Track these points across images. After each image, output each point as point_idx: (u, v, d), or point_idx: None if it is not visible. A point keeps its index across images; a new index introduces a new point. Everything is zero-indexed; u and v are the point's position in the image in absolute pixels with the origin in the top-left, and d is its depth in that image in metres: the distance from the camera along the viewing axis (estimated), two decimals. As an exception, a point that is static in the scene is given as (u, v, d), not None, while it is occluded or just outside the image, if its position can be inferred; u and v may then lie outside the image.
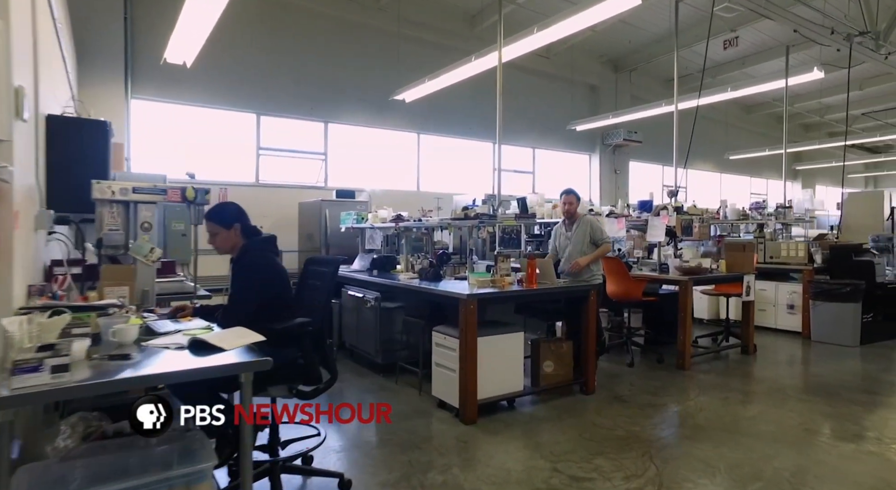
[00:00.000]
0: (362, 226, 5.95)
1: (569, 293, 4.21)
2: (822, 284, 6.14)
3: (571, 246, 4.74)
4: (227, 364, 1.77)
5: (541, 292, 4.03)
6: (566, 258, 4.74)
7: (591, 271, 4.67)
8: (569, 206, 4.74)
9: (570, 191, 4.76)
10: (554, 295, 4.14)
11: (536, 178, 11.23)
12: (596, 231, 4.71)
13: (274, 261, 2.62)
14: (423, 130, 10.02)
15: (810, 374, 4.95)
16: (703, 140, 14.10)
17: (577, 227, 4.76)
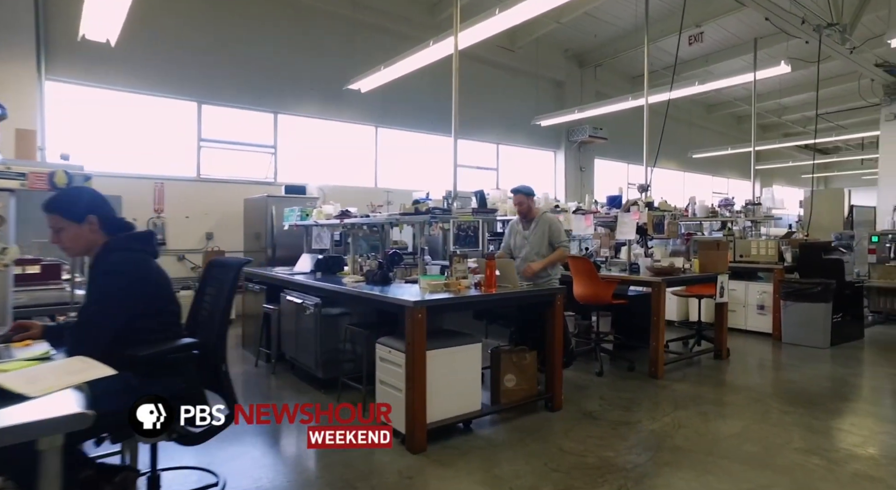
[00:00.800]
0: (306, 223, 5.31)
1: (532, 298, 3.69)
2: (793, 284, 5.84)
3: (529, 247, 4.23)
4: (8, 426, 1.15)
5: (501, 297, 3.50)
6: (522, 259, 4.23)
7: (548, 274, 4.17)
8: (520, 207, 4.22)
9: (519, 189, 4.23)
10: (515, 300, 3.61)
11: (501, 175, 10.76)
12: (554, 232, 4.19)
13: (147, 264, 1.97)
14: (382, 124, 9.41)
15: (787, 380, 4.60)
16: (668, 138, 13.89)
17: (536, 226, 4.24)
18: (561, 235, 4.18)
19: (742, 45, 10.40)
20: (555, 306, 3.72)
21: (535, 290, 3.70)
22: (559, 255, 4.17)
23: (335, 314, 4.21)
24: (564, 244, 4.17)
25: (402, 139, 9.67)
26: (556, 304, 3.71)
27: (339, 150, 9.09)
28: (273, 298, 4.99)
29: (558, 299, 3.73)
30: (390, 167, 9.53)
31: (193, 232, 7.65)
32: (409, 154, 9.77)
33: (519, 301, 3.65)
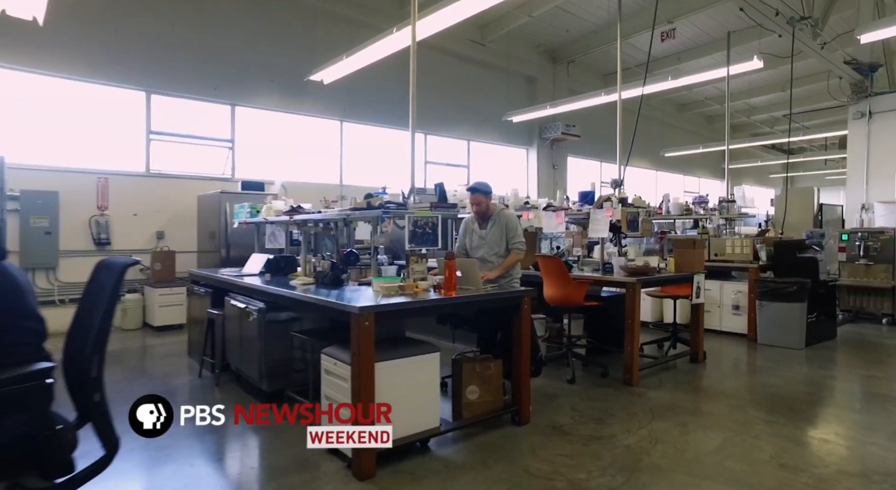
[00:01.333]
0: (256, 220, 4.85)
1: (496, 302, 3.32)
2: (768, 283, 5.64)
3: (487, 247, 3.84)
4: None
5: (461, 301, 3.12)
6: (480, 260, 3.86)
7: (509, 274, 3.81)
8: (477, 207, 3.82)
9: (477, 188, 3.80)
10: (478, 304, 3.24)
11: (472, 172, 10.41)
12: (511, 230, 3.79)
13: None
14: (348, 118, 8.96)
15: (766, 385, 4.34)
16: (640, 137, 13.77)
17: (493, 224, 3.84)
18: (517, 236, 3.79)
19: (713, 43, 10.29)
20: (521, 311, 3.36)
21: (500, 294, 3.34)
22: (513, 259, 3.75)
23: (282, 320, 3.78)
24: (518, 246, 3.77)
25: (370, 135, 9.22)
26: (523, 308, 3.36)
27: (303, 145, 8.60)
28: (219, 302, 4.52)
29: (525, 303, 3.37)
30: (356, 164, 9.08)
31: (142, 231, 7.08)
32: (376, 151, 9.33)
33: (482, 305, 3.28)
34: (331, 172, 8.88)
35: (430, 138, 9.94)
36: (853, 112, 8.00)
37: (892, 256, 6.94)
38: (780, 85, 12.82)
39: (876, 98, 7.80)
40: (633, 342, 4.20)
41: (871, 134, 7.84)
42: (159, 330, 6.44)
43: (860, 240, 7.15)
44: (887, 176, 7.54)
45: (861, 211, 7.85)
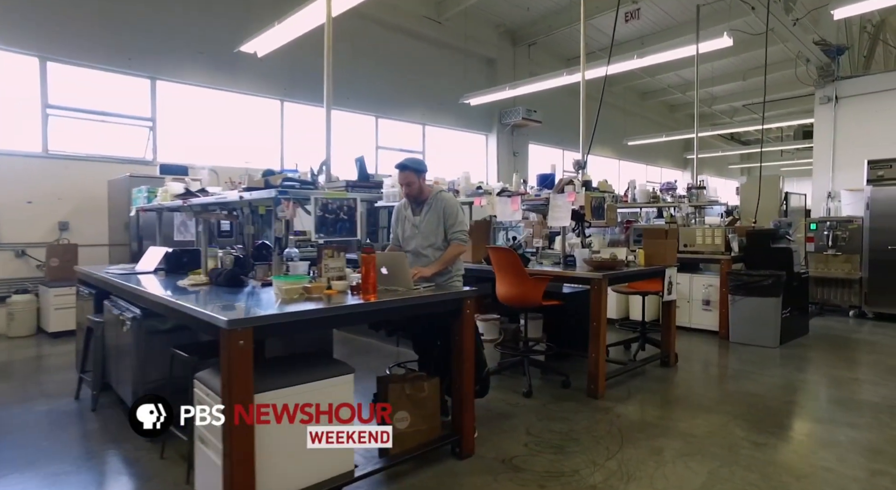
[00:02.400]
0: (152, 207, 3.96)
1: (429, 306, 2.59)
2: (741, 276, 5.12)
3: (421, 237, 3.11)
4: None
5: (382, 307, 2.37)
6: (412, 254, 3.14)
7: (449, 271, 3.09)
8: (408, 188, 3.07)
9: (406, 164, 3.04)
10: (405, 309, 2.49)
11: (427, 159, 9.64)
12: (449, 216, 3.04)
13: None
14: (289, 98, 8.03)
15: (747, 394, 3.78)
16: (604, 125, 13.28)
17: (429, 209, 3.10)
18: (457, 223, 3.05)
19: (679, 26, 9.81)
20: (462, 317, 2.65)
21: (433, 296, 2.60)
22: (453, 253, 3.01)
23: (164, 330, 2.96)
24: (459, 237, 3.03)
25: (315, 116, 8.32)
26: (465, 313, 2.64)
27: (239, 126, 7.63)
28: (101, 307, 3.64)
29: (467, 307, 2.66)
30: (300, 148, 8.17)
31: (40, 221, 6.03)
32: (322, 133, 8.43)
33: (411, 310, 2.54)
34: (271, 157, 7.95)
35: (381, 122, 9.11)
36: (820, 97, 7.63)
37: (860, 246, 6.59)
38: (742, 73, 12.57)
39: (842, 82, 7.44)
40: (599, 348, 3.56)
41: (837, 119, 7.49)
42: (55, 337, 5.44)
43: (828, 229, 6.77)
44: (854, 163, 7.19)
45: (827, 199, 7.51)
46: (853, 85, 7.41)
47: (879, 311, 6.44)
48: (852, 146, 7.37)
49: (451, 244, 3.01)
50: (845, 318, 6.61)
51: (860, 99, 7.34)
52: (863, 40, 8.33)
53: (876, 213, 6.45)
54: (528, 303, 3.74)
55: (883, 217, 6.39)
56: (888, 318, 6.35)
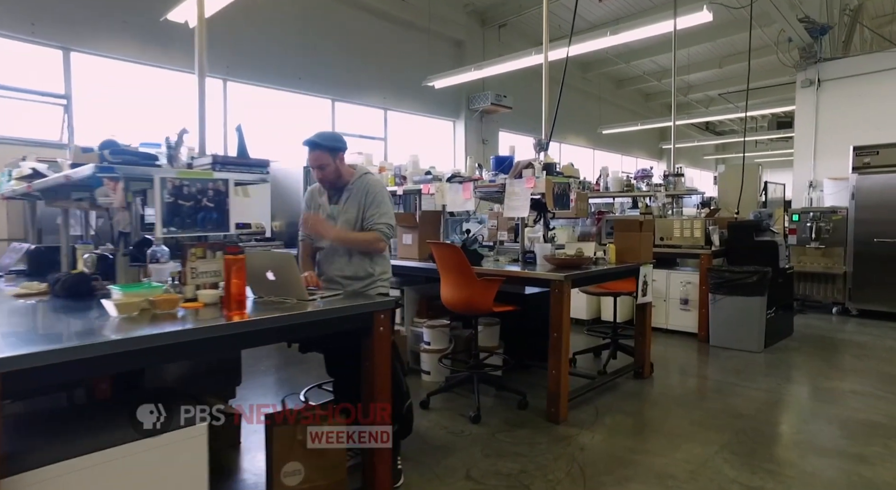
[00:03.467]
0: (12, 193, 3.18)
1: (325, 324, 1.90)
2: (723, 273, 4.56)
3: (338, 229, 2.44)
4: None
5: (247, 330, 1.67)
6: (326, 252, 2.46)
7: (369, 273, 2.41)
8: (320, 172, 2.37)
9: (316, 143, 2.34)
10: (285, 331, 1.80)
11: (389, 146, 8.91)
12: (372, 204, 2.37)
13: None
14: (233, 77, 7.17)
15: (734, 415, 3.21)
16: (577, 113, 12.79)
17: (348, 197, 2.42)
18: (379, 213, 2.36)
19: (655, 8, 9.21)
20: (373, 336, 1.97)
21: (329, 311, 1.89)
22: (366, 237, 2.34)
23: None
24: (382, 227, 2.35)
25: (263, 98, 7.50)
26: (375, 331, 1.97)
27: (177, 108, 6.78)
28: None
29: (380, 323, 1.98)
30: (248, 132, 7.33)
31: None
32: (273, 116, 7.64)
33: (295, 331, 1.85)
34: (213, 141, 7.11)
35: (339, 105, 8.32)
36: (801, 80, 7.12)
37: (845, 239, 6.12)
38: (718, 60, 12.11)
39: (825, 64, 6.95)
40: (561, 364, 2.93)
41: (819, 104, 7.00)
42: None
43: (811, 221, 6.29)
44: (837, 150, 6.72)
45: (809, 189, 7.03)
46: (836, 67, 6.91)
47: (864, 307, 5.99)
48: (835, 132, 6.89)
49: (370, 232, 2.34)
50: (828, 315, 6.15)
51: (843, 83, 6.85)
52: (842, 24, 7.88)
53: (861, 203, 5.97)
54: (476, 309, 3.09)
55: (869, 207, 5.91)
56: (873, 316, 5.90)
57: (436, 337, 3.73)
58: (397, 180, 4.32)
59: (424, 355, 3.73)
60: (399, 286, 3.95)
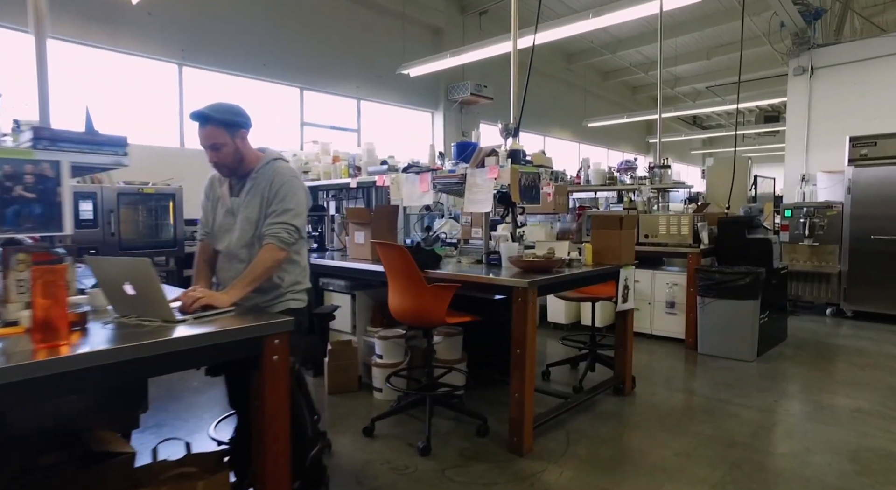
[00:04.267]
0: None
1: (189, 356, 1.41)
2: (712, 274, 4.12)
3: (238, 232, 1.91)
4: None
5: (51, 371, 1.17)
6: (226, 255, 1.95)
7: (276, 285, 1.90)
8: (215, 153, 1.83)
9: (207, 116, 1.81)
10: (116, 369, 1.29)
11: (363, 138, 8.38)
12: (277, 197, 1.85)
13: None
14: (189, 62, 6.60)
15: (726, 442, 2.77)
16: (562, 105, 12.33)
17: (252, 187, 1.92)
18: (284, 210, 1.83)
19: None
20: (263, 368, 1.48)
21: (194, 339, 1.39)
22: (266, 262, 1.78)
23: None
24: (280, 232, 1.80)
25: (224, 85, 6.94)
26: (267, 360, 1.48)
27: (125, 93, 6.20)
28: None
29: (271, 349, 1.49)
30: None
31: None
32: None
33: (145, 367, 1.35)
34: (168, 132, 6.55)
35: (308, 94, 7.78)
36: (794, 67, 6.70)
37: (840, 236, 5.72)
38: (706, 51, 11.69)
39: (819, 50, 6.53)
40: (525, 386, 2.45)
41: (812, 93, 6.59)
42: None
43: (805, 216, 5.87)
44: (831, 142, 6.32)
45: (801, 183, 6.63)
46: (830, 54, 6.50)
47: (859, 309, 5.59)
48: (829, 123, 6.49)
49: (265, 246, 1.81)
50: (821, 316, 5.75)
51: (837, 70, 6.43)
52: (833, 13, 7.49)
53: (858, 198, 5.56)
54: (426, 321, 2.61)
55: (866, 202, 5.51)
56: (869, 317, 5.51)
57: (389, 349, 3.24)
58: (351, 171, 3.82)
59: (376, 370, 3.25)
60: (350, 291, 3.46)
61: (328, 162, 4.02)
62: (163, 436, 2.70)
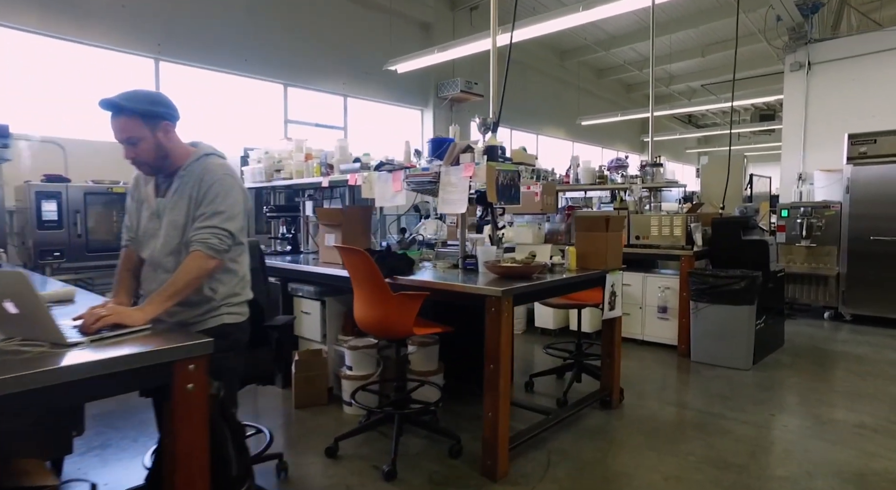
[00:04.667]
0: None
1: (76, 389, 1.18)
2: (706, 278, 3.90)
3: (163, 237, 1.66)
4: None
5: None
6: (150, 264, 1.70)
7: (206, 296, 1.65)
8: (131, 149, 1.59)
9: (117, 105, 1.56)
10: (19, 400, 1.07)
11: (350, 136, 8.14)
12: (203, 200, 1.61)
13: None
14: (166, 56, 6.34)
15: (723, 467, 2.55)
16: (556, 103, 12.10)
17: (179, 185, 1.67)
18: (214, 213, 1.60)
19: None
20: (173, 398, 1.25)
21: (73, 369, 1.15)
22: (190, 272, 1.54)
23: None
24: (208, 238, 1.57)
25: (204, 81, 6.68)
26: (179, 389, 1.25)
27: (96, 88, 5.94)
28: None
29: (185, 375, 1.26)
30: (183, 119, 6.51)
31: None
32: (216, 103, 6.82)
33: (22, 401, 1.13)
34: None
35: (292, 91, 7.53)
36: (790, 63, 6.49)
37: (838, 237, 5.51)
38: (701, 49, 11.49)
39: (816, 45, 6.32)
40: (499, 406, 2.22)
41: (809, 89, 6.38)
42: None
43: (802, 216, 5.66)
44: (828, 140, 6.12)
45: (798, 182, 6.42)
46: (827, 48, 6.29)
47: (858, 312, 5.39)
48: (826, 120, 6.28)
49: (191, 253, 1.57)
50: (819, 320, 5.55)
51: (835, 66, 6.22)
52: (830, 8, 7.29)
53: (857, 197, 5.35)
54: (392, 332, 2.38)
55: (865, 202, 5.30)
56: (868, 321, 5.31)
57: (359, 360, 3.01)
58: (323, 169, 3.59)
59: (346, 382, 3.02)
60: (320, 297, 3.23)
61: (301, 159, 3.79)
62: (107, 460, 2.46)
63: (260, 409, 3.06)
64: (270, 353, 2.19)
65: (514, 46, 3.45)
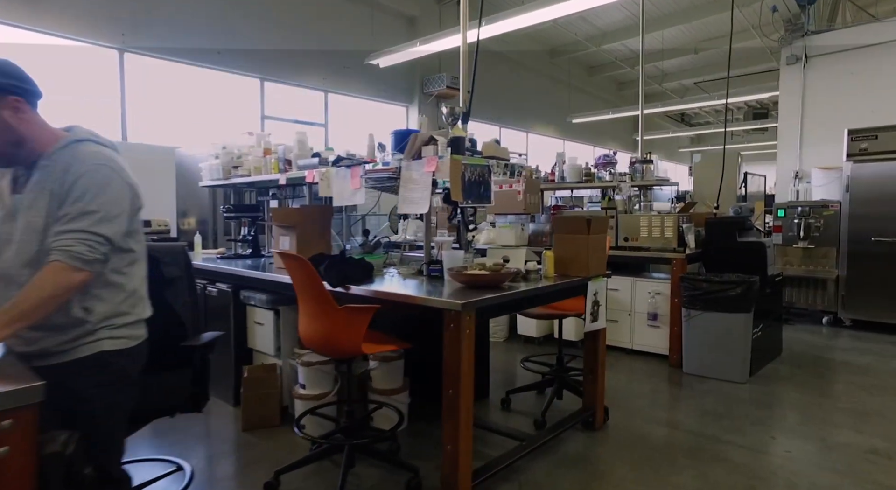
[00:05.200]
0: None
1: None
2: (699, 283, 3.59)
3: (17, 242, 1.30)
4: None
5: None
6: (2, 274, 1.32)
7: (77, 318, 1.30)
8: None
9: None
10: None
11: (331, 132, 7.80)
12: (68, 197, 1.24)
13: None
14: (132, 48, 5.98)
15: None
16: (546, 100, 11.79)
17: (38, 179, 1.29)
18: (77, 213, 1.25)
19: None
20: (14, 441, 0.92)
21: None
22: (45, 288, 1.19)
23: None
24: (73, 248, 1.21)
25: (173, 75, 6.32)
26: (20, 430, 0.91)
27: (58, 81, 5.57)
28: None
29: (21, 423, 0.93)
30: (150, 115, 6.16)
31: None
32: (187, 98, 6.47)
33: None
34: (109, 124, 5.92)
35: (269, 86, 7.18)
36: (787, 56, 6.20)
37: (837, 238, 5.22)
38: (693, 46, 11.22)
39: (813, 37, 6.03)
40: (459, 436, 1.90)
41: (806, 83, 6.09)
42: None
43: (799, 216, 5.37)
44: (826, 136, 5.83)
45: (795, 180, 6.13)
46: (825, 40, 6.00)
47: (858, 318, 5.10)
48: (824, 115, 5.99)
49: (49, 263, 1.24)
50: (817, 326, 5.26)
51: (833, 59, 5.94)
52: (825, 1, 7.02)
53: (857, 196, 5.07)
54: (338, 350, 2.05)
55: (866, 201, 5.02)
56: (868, 327, 5.02)
57: (314, 377, 2.68)
58: (281, 166, 3.25)
59: (298, 402, 2.69)
60: (273, 306, 2.89)
61: (259, 155, 3.45)
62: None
63: (199, 435, 2.72)
64: (199, 377, 1.87)
65: (502, 42, 3.15)
